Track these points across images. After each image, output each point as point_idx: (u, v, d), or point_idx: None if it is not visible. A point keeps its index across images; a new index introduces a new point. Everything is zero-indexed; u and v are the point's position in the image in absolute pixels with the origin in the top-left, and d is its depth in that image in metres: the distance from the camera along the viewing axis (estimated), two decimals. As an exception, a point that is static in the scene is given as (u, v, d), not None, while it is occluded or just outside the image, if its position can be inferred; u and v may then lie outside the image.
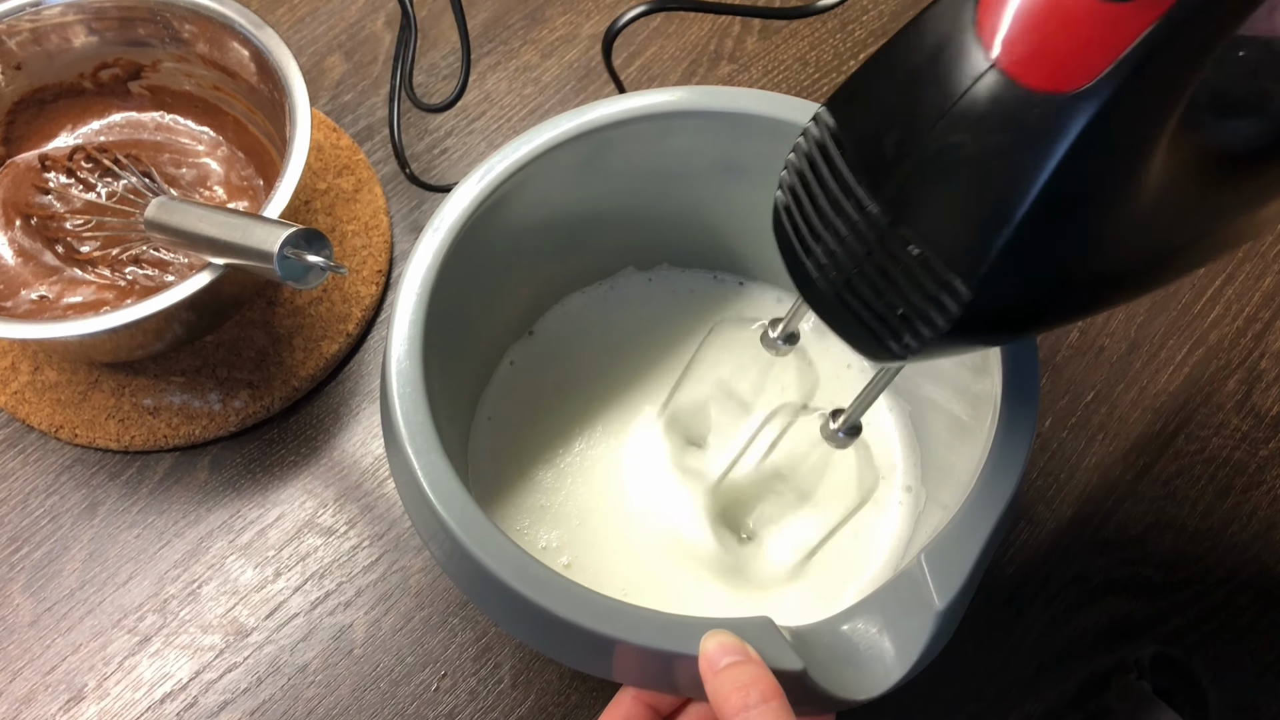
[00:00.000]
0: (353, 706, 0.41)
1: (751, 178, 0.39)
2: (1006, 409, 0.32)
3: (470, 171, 0.37)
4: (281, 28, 0.57)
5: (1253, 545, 0.45)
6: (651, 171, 0.40)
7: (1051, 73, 0.22)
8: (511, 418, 0.43)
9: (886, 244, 0.25)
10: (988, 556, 0.30)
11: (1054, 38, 0.23)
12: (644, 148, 0.39)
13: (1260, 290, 0.51)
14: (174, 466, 0.46)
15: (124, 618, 0.43)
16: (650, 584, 0.39)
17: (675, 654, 0.28)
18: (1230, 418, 0.48)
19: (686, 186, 0.42)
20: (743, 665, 0.27)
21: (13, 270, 0.46)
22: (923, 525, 0.39)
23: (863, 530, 0.40)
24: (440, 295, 0.35)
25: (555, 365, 0.44)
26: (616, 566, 0.39)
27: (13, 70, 0.47)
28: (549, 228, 0.41)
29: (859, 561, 0.40)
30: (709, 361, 0.40)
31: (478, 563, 0.30)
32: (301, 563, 0.44)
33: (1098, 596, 0.44)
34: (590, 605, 0.29)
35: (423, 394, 0.33)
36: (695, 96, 0.38)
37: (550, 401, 0.43)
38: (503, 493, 0.41)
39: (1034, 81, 0.23)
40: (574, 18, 0.58)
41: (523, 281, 0.42)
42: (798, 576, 0.40)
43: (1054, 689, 0.42)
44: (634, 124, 0.38)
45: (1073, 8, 0.22)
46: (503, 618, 0.31)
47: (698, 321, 0.45)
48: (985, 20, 0.23)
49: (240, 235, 0.38)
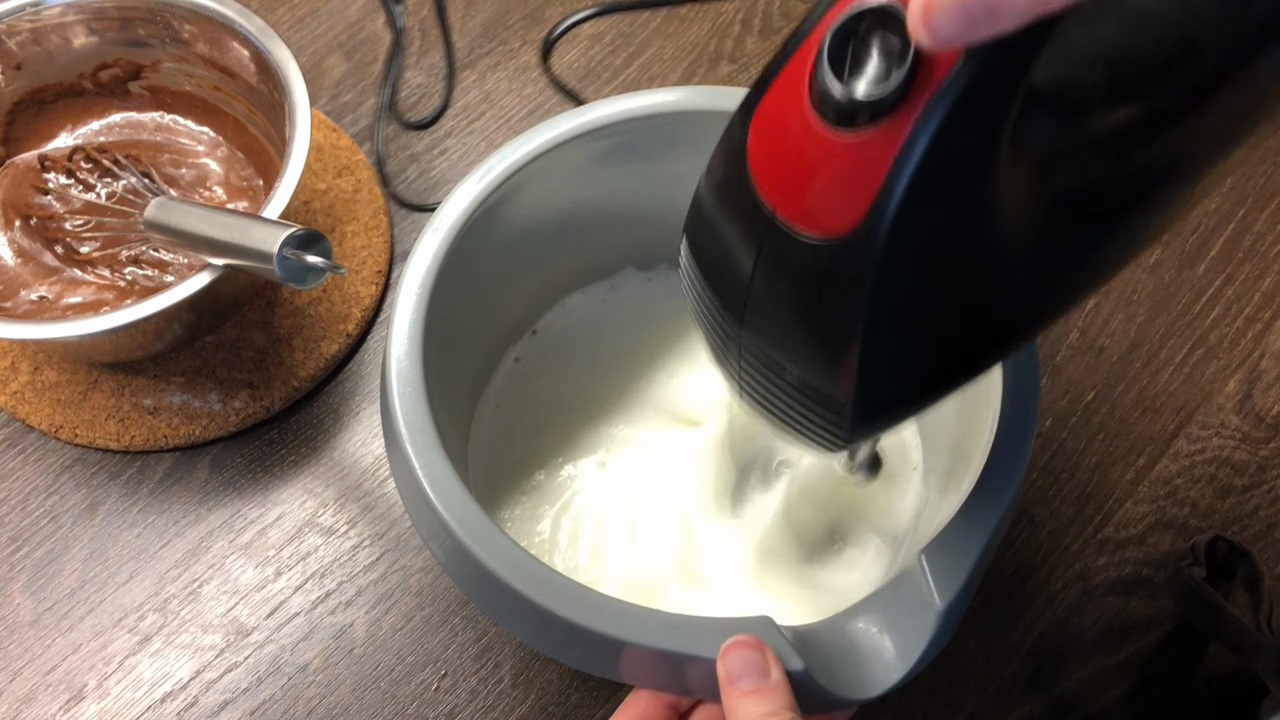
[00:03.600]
0: (353, 706, 0.41)
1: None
2: (1007, 409, 0.32)
3: (470, 171, 0.37)
4: (281, 28, 0.57)
5: (1253, 545, 0.45)
6: (652, 171, 0.40)
7: (820, 218, 0.21)
8: (512, 416, 0.43)
9: (765, 368, 0.24)
10: (988, 556, 0.30)
11: (810, 183, 0.21)
12: (644, 148, 0.39)
13: (1260, 290, 0.51)
14: (174, 466, 0.46)
15: (124, 617, 0.43)
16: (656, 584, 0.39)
17: (685, 655, 0.28)
18: (1230, 418, 0.48)
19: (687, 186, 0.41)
20: (764, 694, 0.27)
21: (12, 271, 0.46)
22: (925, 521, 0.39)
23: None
24: (440, 295, 0.35)
25: (557, 364, 0.44)
26: (619, 565, 0.39)
27: (13, 70, 0.47)
28: (549, 227, 0.41)
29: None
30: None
31: (478, 562, 0.30)
32: (302, 562, 0.44)
33: (1098, 596, 0.44)
34: (593, 606, 0.29)
35: (423, 394, 0.33)
36: (696, 96, 0.38)
37: (551, 401, 0.43)
38: (503, 491, 0.41)
39: (810, 229, 0.21)
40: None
41: (523, 281, 0.42)
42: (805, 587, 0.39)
43: (1054, 689, 0.42)
44: (635, 124, 0.38)
45: (815, 148, 0.21)
46: (503, 617, 0.31)
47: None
48: (755, 165, 0.22)
49: (240, 236, 0.38)
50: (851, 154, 0.20)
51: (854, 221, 0.20)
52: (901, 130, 0.19)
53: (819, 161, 0.21)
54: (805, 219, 0.21)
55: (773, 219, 0.22)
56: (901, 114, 0.19)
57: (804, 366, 0.24)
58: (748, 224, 0.22)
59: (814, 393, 0.24)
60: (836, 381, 0.23)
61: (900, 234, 0.20)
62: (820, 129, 0.20)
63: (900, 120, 0.19)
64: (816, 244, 0.21)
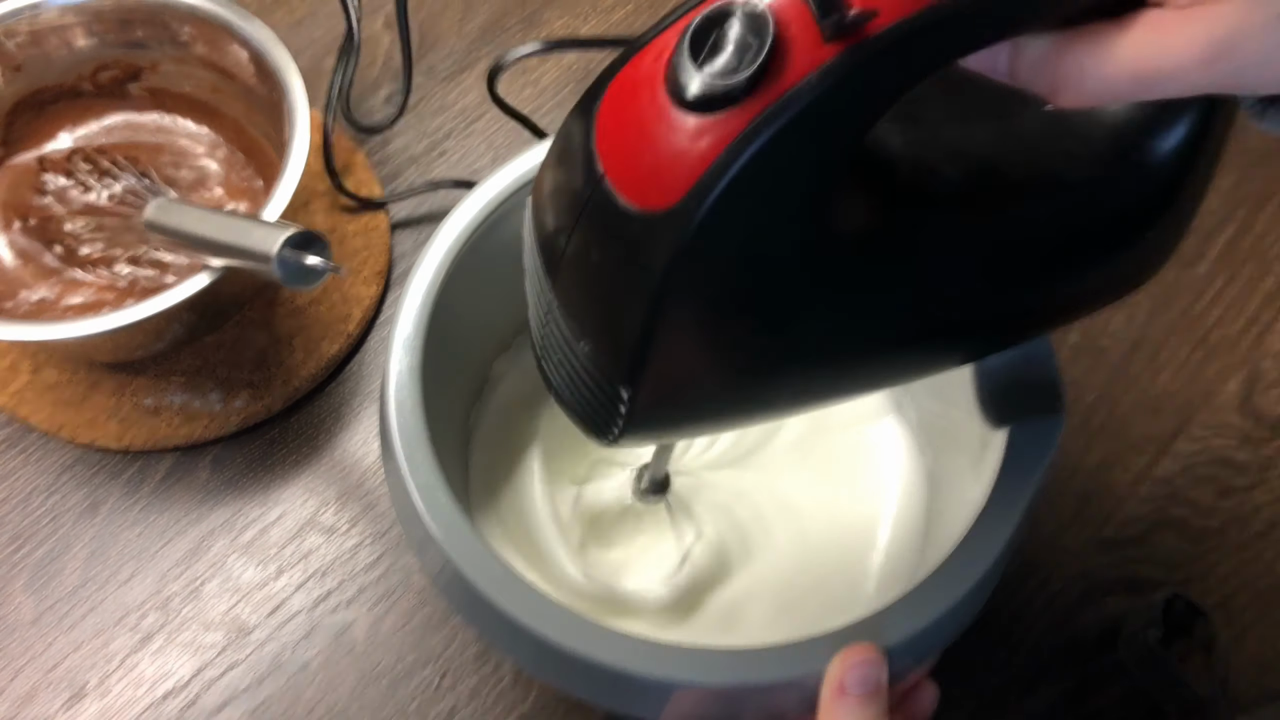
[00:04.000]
0: (354, 705, 0.42)
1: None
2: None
3: (480, 182, 0.37)
4: (280, 29, 0.57)
5: (1253, 545, 0.45)
6: None
7: (643, 189, 0.21)
8: (514, 417, 0.42)
9: (564, 335, 0.24)
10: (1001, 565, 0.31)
11: (642, 154, 0.21)
12: None
13: (1261, 290, 0.51)
14: (175, 466, 0.46)
15: (125, 616, 0.43)
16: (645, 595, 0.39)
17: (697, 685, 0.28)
18: (1231, 418, 0.48)
19: None
20: (868, 701, 0.28)
21: (13, 272, 0.46)
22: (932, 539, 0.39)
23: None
24: (444, 304, 0.35)
25: None
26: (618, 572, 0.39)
27: (12, 72, 0.47)
28: None
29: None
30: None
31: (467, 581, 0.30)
32: (303, 561, 0.44)
33: (1098, 596, 0.44)
34: (598, 638, 0.29)
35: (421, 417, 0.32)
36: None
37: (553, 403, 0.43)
38: (504, 492, 0.41)
39: (631, 197, 0.21)
40: (571, 20, 0.58)
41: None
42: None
43: (1054, 689, 0.42)
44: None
45: (655, 122, 0.21)
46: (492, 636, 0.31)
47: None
48: (600, 125, 0.22)
49: (239, 237, 0.38)
50: (685, 136, 0.20)
51: (671, 201, 0.20)
52: (736, 125, 0.20)
53: (655, 136, 0.21)
54: (629, 187, 0.21)
55: (601, 180, 0.22)
56: (741, 110, 0.20)
57: (594, 342, 0.23)
58: (579, 180, 0.22)
59: (597, 374, 0.24)
60: (618, 367, 0.23)
61: (711, 225, 0.20)
62: (664, 105, 0.21)
63: (738, 115, 0.20)
64: (632, 214, 0.21)
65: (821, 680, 0.28)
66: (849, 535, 0.40)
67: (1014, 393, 0.33)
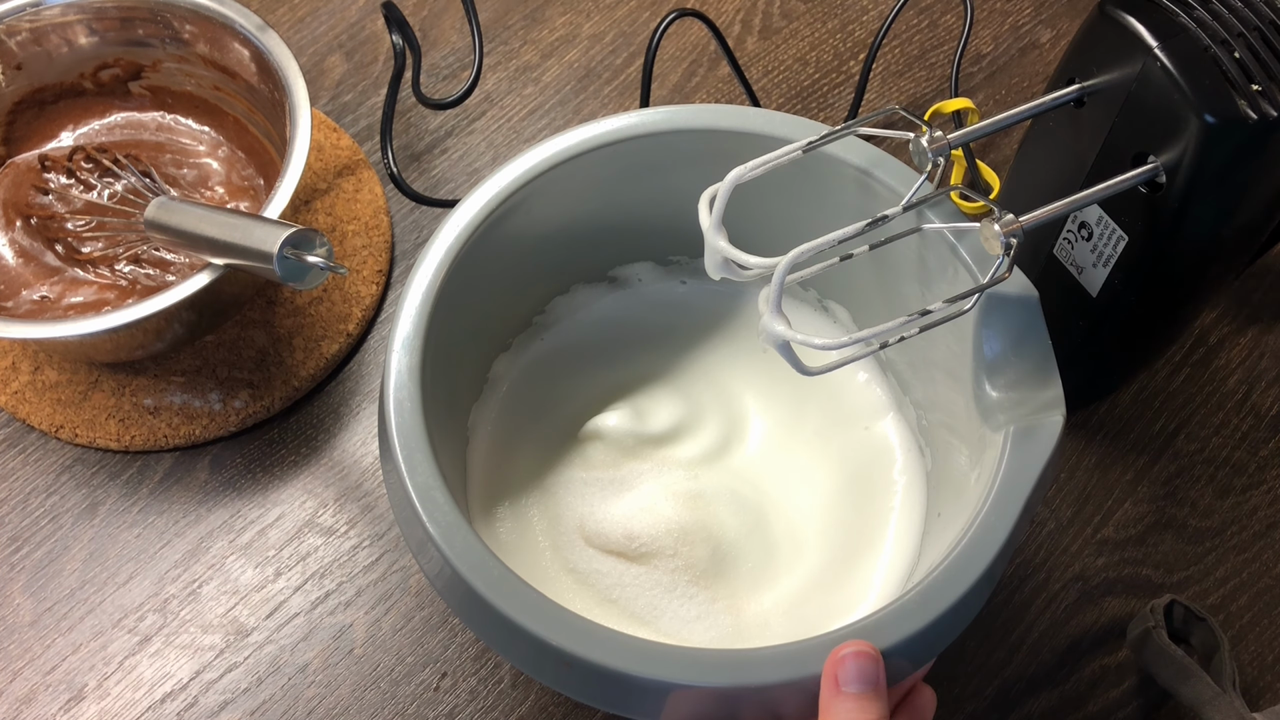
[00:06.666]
0: (353, 706, 0.42)
1: (762, 187, 0.39)
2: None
3: (480, 182, 0.37)
4: (282, 28, 0.57)
5: (1253, 545, 0.45)
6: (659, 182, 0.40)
7: None
8: (514, 418, 0.42)
9: None
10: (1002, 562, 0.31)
11: None
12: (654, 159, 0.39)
13: (1261, 289, 0.51)
14: (174, 466, 0.46)
15: (124, 617, 0.43)
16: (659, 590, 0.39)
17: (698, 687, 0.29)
18: (1230, 417, 0.48)
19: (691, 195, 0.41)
20: (868, 701, 0.28)
21: (14, 270, 0.46)
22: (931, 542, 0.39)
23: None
24: (443, 305, 0.35)
25: (561, 368, 0.43)
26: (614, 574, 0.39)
27: (13, 70, 0.47)
28: (555, 236, 0.40)
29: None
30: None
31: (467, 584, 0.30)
32: (302, 562, 0.44)
33: (1098, 596, 0.44)
34: (596, 640, 0.29)
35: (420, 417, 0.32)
36: (715, 116, 0.38)
37: (553, 404, 0.43)
38: (503, 493, 0.41)
39: None
40: (574, 18, 0.58)
41: (527, 289, 0.42)
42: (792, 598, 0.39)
43: (1054, 689, 0.42)
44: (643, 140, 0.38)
45: None
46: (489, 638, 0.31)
47: (716, 324, 0.45)
48: None
49: (240, 236, 0.38)
50: None
51: None
52: None
53: None
54: None
55: None
56: None
57: None
58: None
59: None
60: None
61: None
62: None
63: None
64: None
65: (819, 682, 0.28)
66: (849, 536, 0.40)
67: (1014, 393, 0.33)
